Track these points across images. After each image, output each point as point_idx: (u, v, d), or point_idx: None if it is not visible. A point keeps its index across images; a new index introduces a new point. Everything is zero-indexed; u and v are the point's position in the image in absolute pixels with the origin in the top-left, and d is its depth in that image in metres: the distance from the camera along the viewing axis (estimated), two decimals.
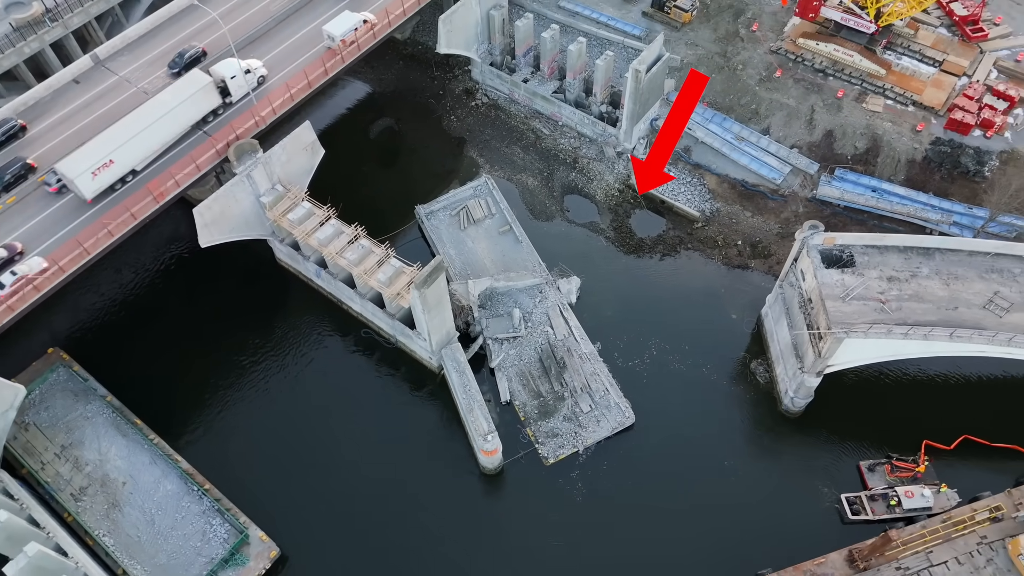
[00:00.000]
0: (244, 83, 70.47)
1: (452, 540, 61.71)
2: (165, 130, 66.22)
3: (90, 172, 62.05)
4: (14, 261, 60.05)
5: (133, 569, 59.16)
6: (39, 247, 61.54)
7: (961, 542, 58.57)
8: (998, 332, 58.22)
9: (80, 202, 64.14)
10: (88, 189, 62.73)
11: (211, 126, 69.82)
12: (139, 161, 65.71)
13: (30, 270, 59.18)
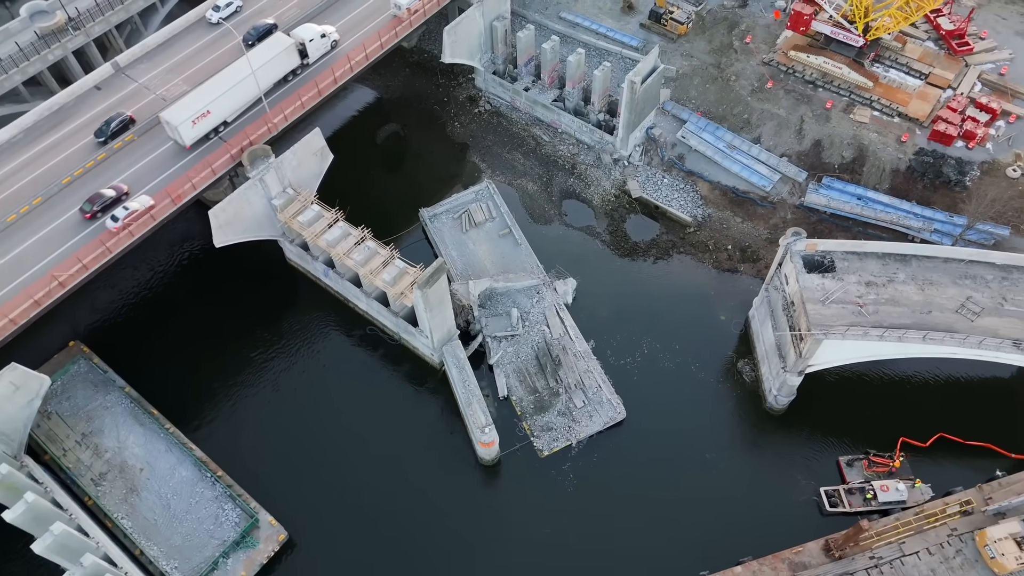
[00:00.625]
0: (321, 46, 77.30)
1: (450, 526, 65.20)
2: (252, 86, 72.50)
3: (190, 121, 69.28)
4: (121, 201, 66.84)
5: (150, 550, 62.82)
6: (143, 189, 68.72)
7: (932, 534, 61.77)
8: (969, 335, 61.43)
9: (179, 148, 71.19)
10: (188, 136, 70.05)
11: (290, 85, 76.66)
12: (230, 113, 72.70)
13: (141, 206, 66.42)
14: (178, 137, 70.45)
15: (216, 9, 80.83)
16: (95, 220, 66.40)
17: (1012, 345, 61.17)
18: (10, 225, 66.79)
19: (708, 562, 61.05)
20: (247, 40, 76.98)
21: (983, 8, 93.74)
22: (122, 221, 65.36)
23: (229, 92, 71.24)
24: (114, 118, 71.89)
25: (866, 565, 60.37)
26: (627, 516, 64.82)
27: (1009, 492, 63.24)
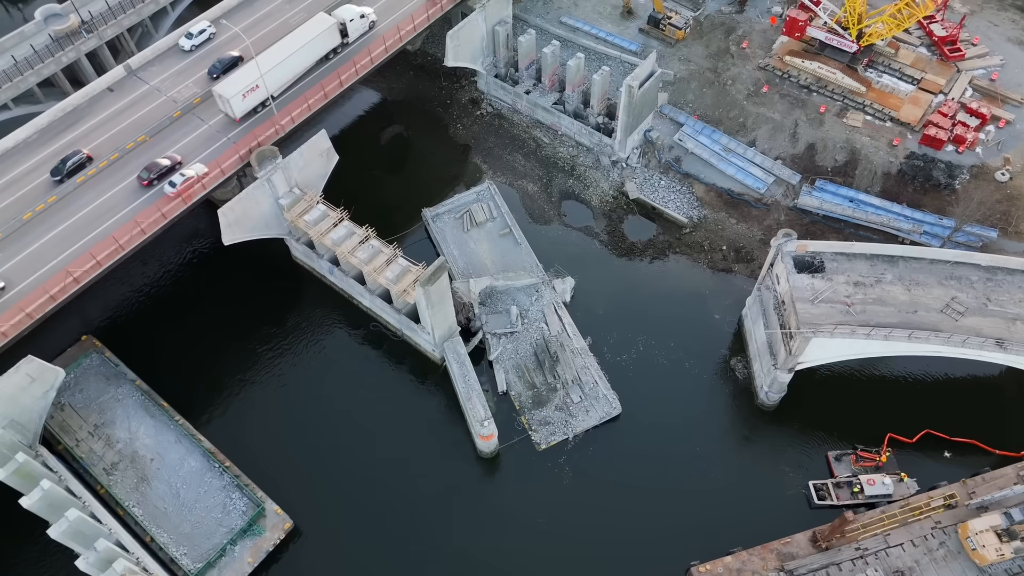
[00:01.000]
0: (360, 26, 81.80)
1: (450, 516, 67.37)
2: (297, 63, 77.57)
3: (241, 94, 73.50)
4: (175, 170, 71.66)
5: (160, 537, 65.06)
6: (196, 158, 73.55)
7: (917, 526, 63.84)
8: (953, 334, 63.43)
9: (229, 121, 75.59)
10: (239, 109, 74.47)
11: (329, 64, 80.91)
12: (277, 88, 76.96)
13: (196, 173, 71.03)
14: (229, 110, 74.72)
15: (188, 37, 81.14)
16: (152, 187, 70.70)
17: (995, 344, 63.14)
18: (78, 187, 71.46)
19: (699, 552, 62.97)
20: (212, 73, 78.18)
21: (976, 15, 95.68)
22: (179, 187, 69.92)
23: (276, 68, 75.56)
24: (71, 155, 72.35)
25: (851, 556, 62.44)
26: (621, 507, 66.87)
27: (992, 487, 65.36)
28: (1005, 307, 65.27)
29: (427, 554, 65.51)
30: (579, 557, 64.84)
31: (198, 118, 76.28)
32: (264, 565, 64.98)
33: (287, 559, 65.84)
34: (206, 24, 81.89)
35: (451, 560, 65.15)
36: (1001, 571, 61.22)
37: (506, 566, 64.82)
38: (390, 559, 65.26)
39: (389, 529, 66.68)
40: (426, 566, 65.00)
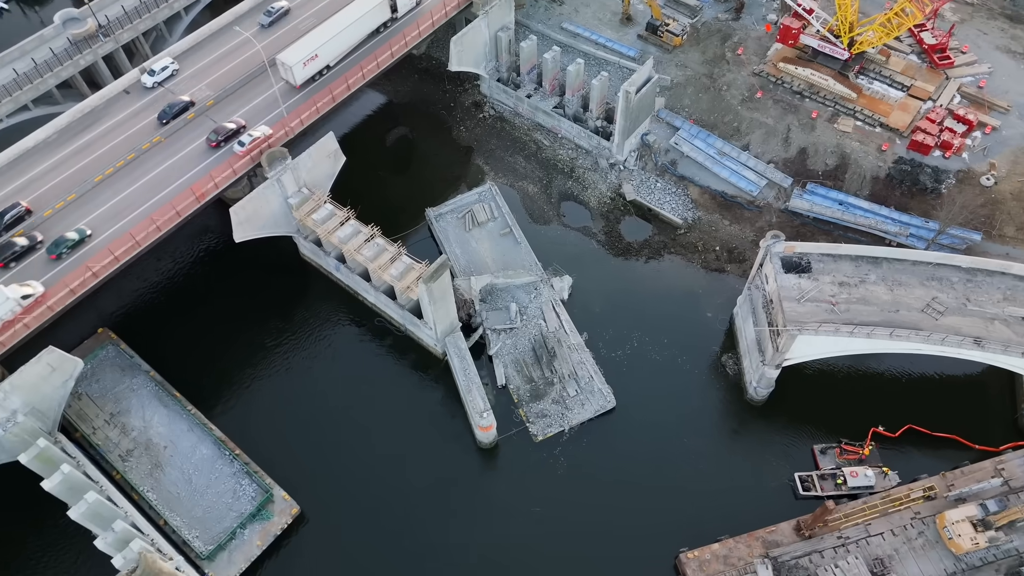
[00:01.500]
0: (408, 1, 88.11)
1: (450, 504, 70.30)
2: (351, 35, 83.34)
3: (302, 63, 79.40)
4: (239, 133, 77.40)
5: (173, 520, 68.17)
6: (259, 122, 79.49)
7: (897, 516, 66.69)
8: (932, 333, 66.15)
9: (290, 88, 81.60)
10: (299, 76, 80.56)
11: (377, 39, 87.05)
12: (333, 59, 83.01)
13: (262, 134, 76.87)
14: (291, 77, 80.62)
15: (151, 73, 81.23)
16: (219, 148, 76.57)
17: (973, 343, 65.83)
18: (148, 150, 77.21)
19: (688, 539, 65.94)
20: (161, 119, 78.29)
21: (966, 23, 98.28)
22: (248, 145, 75.98)
23: (333, 39, 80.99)
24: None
25: (833, 544, 65.31)
26: (613, 497, 69.74)
27: (970, 479, 68.12)
28: (984, 307, 67.94)
29: (427, 539, 68.44)
30: (573, 543, 67.70)
31: (262, 86, 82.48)
32: (272, 549, 68.11)
33: (294, 543, 68.91)
34: (168, 61, 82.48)
35: (450, 546, 68.09)
36: (976, 559, 64.04)
37: (503, 552, 67.73)
38: (392, 544, 68.19)
39: (391, 515, 69.61)
40: (426, 551, 67.89)
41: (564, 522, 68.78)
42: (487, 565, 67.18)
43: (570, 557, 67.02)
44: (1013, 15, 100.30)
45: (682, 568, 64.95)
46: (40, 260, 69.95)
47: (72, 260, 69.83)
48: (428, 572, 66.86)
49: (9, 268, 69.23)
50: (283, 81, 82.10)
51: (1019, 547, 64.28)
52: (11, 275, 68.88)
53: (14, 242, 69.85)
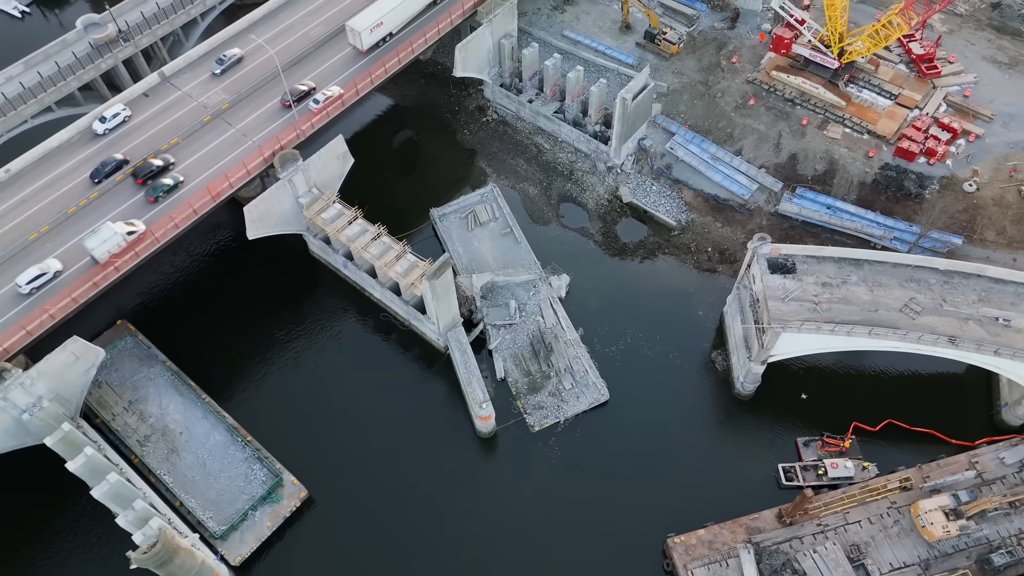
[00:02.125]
0: None
1: (450, 490, 74.02)
2: (412, 5, 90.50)
3: (369, 29, 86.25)
4: (311, 93, 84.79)
5: (189, 502, 72.03)
6: (330, 83, 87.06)
7: (874, 506, 70.30)
8: (909, 331, 69.62)
9: (356, 53, 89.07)
10: (366, 41, 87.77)
11: (435, 10, 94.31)
12: (395, 27, 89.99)
13: (334, 93, 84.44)
14: (358, 42, 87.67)
15: (102, 120, 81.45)
16: (292, 108, 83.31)
17: (947, 341, 69.27)
18: (226, 111, 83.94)
19: (676, 525, 69.63)
20: (94, 177, 77.59)
21: (954, 33, 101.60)
22: (322, 103, 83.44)
23: (397, 8, 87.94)
24: None
25: (813, 531, 68.93)
26: (605, 484, 73.40)
27: (945, 472, 71.75)
28: (959, 308, 71.37)
29: (427, 523, 72.15)
30: (566, 527, 71.41)
31: (329, 52, 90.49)
32: (281, 530, 71.90)
33: (302, 525, 72.70)
34: (120, 107, 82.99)
35: (449, 528, 71.81)
36: (948, 547, 67.59)
37: (499, 535, 71.45)
38: (395, 527, 71.95)
39: (394, 500, 73.33)
40: (426, 534, 71.59)
41: (558, 507, 72.46)
42: (484, 547, 70.81)
43: (563, 540, 70.69)
44: (1000, 26, 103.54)
45: (669, 552, 68.57)
46: (139, 201, 77.32)
47: (169, 202, 76.99)
48: (428, 553, 70.53)
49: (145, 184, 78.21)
50: (350, 46, 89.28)
51: (988, 535, 67.91)
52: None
53: (151, 163, 78.62)
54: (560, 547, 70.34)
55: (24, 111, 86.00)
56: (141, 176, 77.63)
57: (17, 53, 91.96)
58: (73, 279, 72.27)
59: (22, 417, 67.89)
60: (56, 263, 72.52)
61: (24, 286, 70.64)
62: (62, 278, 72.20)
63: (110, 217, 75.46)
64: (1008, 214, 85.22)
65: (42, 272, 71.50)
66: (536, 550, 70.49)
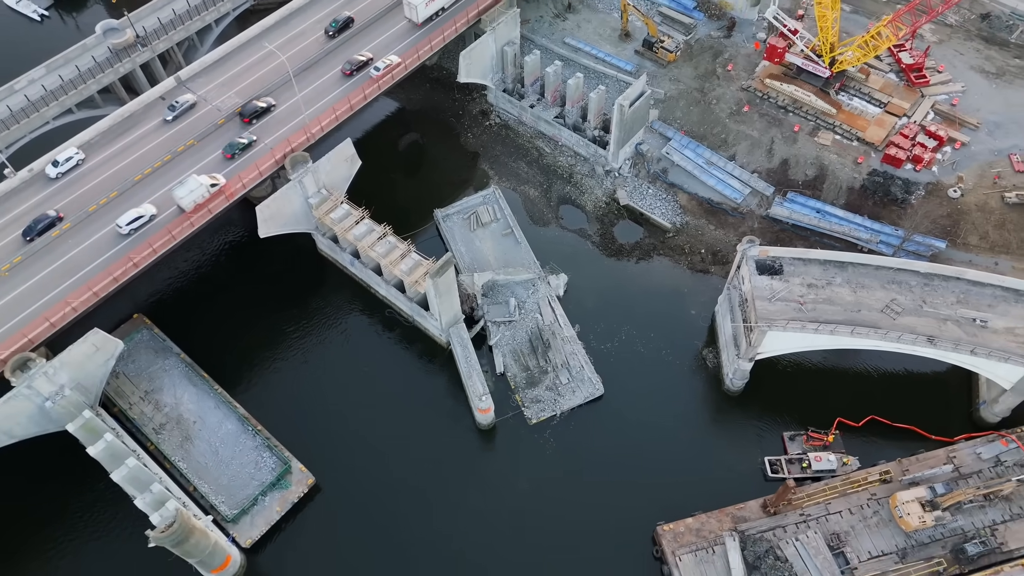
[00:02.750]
0: None
1: (450, 479, 77.61)
2: None
3: (424, 2, 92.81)
4: (368, 64, 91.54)
5: (202, 487, 75.74)
6: (387, 53, 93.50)
7: (855, 497, 73.62)
8: (889, 331, 72.89)
9: (412, 26, 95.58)
10: (421, 15, 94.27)
11: None
12: (448, 2, 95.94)
13: (392, 61, 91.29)
14: (414, 15, 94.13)
15: (55, 164, 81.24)
16: (352, 77, 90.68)
17: (926, 340, 72.55)
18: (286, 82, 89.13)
19: (665, 514, 73.09)
20: (26, 235, 77.03)
21: (944, 44, 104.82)
22: (383, 70, 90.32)
23: None
24: None
25: (796, 520, 72.30)
26: (598, 475, 76.89)
27: (924, 466, 75.08)
28: (938, 309, 74.62)
29: (428, 510, 75.72)
30: (560, 516, 74.91)
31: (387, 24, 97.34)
32: (289, 514, 75.59)
33: (309, 510, 76.37)
34: (73, 151, 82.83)
35: (448, 516, 75.39)
36: (925, 537, 70.85)
37: (496, 523, 75.08)
38: (397, 513, 75.56)
39: (397, 488, 76.92)
40: (426, 520, 75.14)
41: (552, 496, 75.96)
42: (481, 534, 74.42)
43: (557, 528, 74.20)
44: (989, 37, 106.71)
45: (659, 539, 72.03)
46: (217, 159, 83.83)
47: (244, 159, 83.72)
48: (428, 538, 74.09)
49: (252, 124, 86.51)
50: (406, 19, 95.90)
51: (964, 527, 71.15)
52: None
53: (257, 104, 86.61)
54: (553, 535, 73.85)
55: (46, 113, 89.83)
56: (247, 115, 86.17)
57: (36, 55, 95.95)
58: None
59: (45, 405, 71.49)
60: (152, 207, 79.44)
61: (124, 227, 77.49)
62: (157, 221, 79.00)
63: (194, 170, 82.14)
64: (991, 219, 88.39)
65: (140, 215, 78.37)
66: (530, 538, 73.99)
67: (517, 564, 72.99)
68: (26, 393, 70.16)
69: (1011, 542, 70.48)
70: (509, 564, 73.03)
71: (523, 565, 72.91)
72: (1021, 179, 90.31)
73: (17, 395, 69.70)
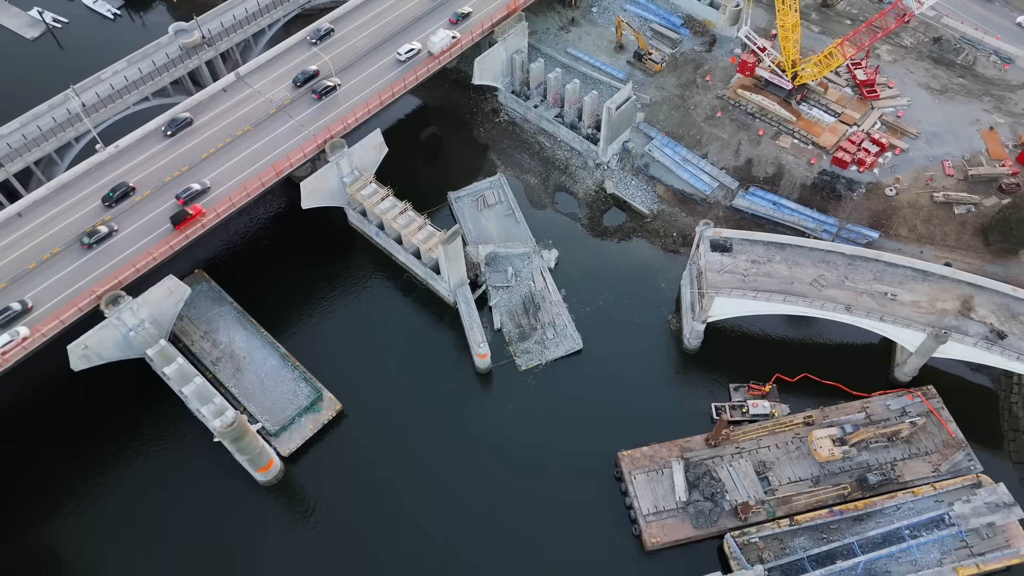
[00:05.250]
0: None
1: (454, 411, 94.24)
2: None
3: None
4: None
5: (250, 408, 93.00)
6: None
7: (782, 436, 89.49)
8: (815, 300, 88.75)
9: None
10: None
11: None
12: None
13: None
14: None
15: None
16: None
17: (844, 308, 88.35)
18: None
19: (626, 443, 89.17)
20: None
21: (898, 63, 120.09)
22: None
23: None
24: None
25: (731, 452, 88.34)
26: (573, 411, 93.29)
27: (841, 413, 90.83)
28: (857, 284, 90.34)
29: (432, 433, 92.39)
30: (539, 442, 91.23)
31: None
32: (320, 433, 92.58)
33: (337, 430, 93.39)
34: None
35: (449, 437, 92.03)
36: (835, 468, 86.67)
37: (488, 443, 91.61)
38: (408, 434, 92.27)
39: (409, 415, 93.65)
40: (431, 440, 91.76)
41: (534, 426, 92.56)
42: (475, 451, 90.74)
43: (536, 451, 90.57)
44: (938, 58, 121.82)
45: (619, 462, 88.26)
46: None
47: None
48: (432, 453, 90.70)
49: None
50: None
51: (868, 461, 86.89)
52: None
53: None
54: (533, 455, 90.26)
55: (128, 99, 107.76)
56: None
57: (110, 47, 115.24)
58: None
59: (129, 334, 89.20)
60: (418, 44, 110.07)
61: (403, 55, 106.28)
62: None
63: None
64: (920, 215, 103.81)
65: (411, 48, 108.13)
66: (515, 456, 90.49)
67: (503, 477, 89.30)
68: (115, 323, 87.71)
69: (907, 475, 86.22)
70: (496, 476, 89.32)
71: (508, 478, 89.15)
72: (950, 182, 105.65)
73: (108, 324, 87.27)
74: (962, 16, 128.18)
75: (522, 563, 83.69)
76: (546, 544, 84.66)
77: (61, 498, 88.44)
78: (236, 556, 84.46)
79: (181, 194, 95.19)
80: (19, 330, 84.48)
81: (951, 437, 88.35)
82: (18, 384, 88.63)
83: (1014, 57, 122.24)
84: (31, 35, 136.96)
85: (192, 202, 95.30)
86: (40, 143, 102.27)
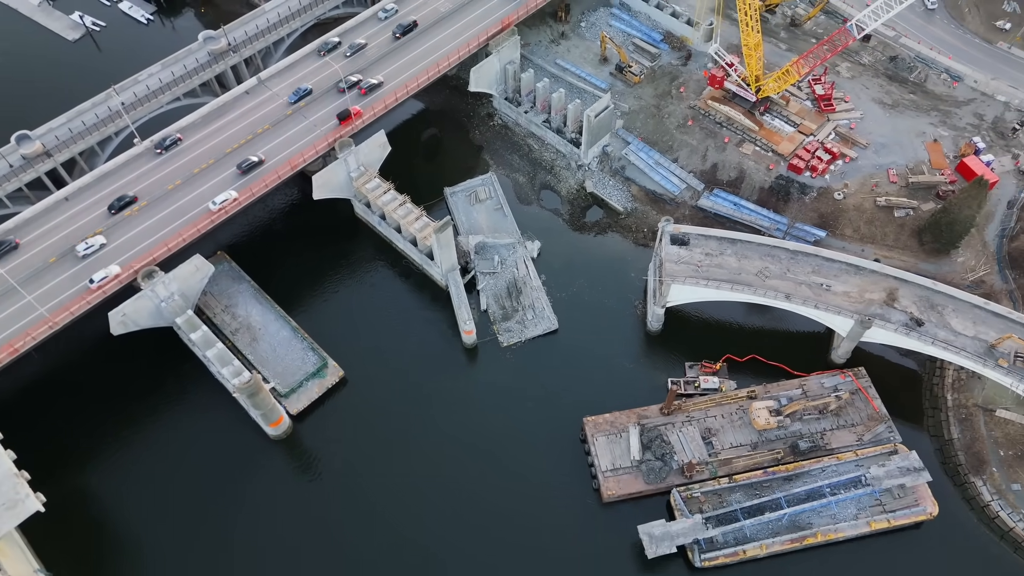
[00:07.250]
0: None
1: (441, 379, 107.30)
2: None
3: None
4: None
5: (263, 372, 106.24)
6: None
7: (727, 407, 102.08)
8: (758, 288, 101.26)
9: None
10: None
11: None
12: None
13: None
14: None
15: None
16: None
17: (784, 296, 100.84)
18: None
19: (590, 410, 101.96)
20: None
21: (855, 79, 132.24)
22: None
23: None
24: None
25: (682, 420, 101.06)
26: (547, 380, 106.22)
27: (781, 388, 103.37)
28: (798, 276, 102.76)
29: (424, 398, 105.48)
30: (515, 406, 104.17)
31: None
32: (325, 396, 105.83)
33: (340, 394, 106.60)
34: None
35: (437, 401, 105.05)
36: (772, 436, 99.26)
37: (470, 407, 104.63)
38: (402, 398, 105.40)
39: (402, 382, 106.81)
40: (422, 404, 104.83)
41: (512, 393, 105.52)
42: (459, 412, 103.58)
43: (511, 414, 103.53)
44: (893, 75, 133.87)
45: (584, 427, 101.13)
46: None
47: None
48: (422, 414, 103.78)
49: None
50: None
51: (801, 431, 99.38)
52: None
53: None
54: (510, 418, 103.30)
55: (162, 99, 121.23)
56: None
57: (144, 51, 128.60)
58: None
59: (160, 305, 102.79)
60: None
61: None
62: None
63: None
64: (864, 217, 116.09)
65: None
66: (492, 421, 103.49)
67: (484, 436, 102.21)
68: (149, 295, 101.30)
69: (834, 443, 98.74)
70: (477, 436, 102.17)
71: (488, 438, 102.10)
72: (893, 188, 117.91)
73: (143, 295, 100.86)
74: (919, 36, 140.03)
75: (496, 509, 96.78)
76: (518, 494, 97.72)
77: (101, 442, 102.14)
78: (249, 497, 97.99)
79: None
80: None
81: (875, 412, 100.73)
82: (65, 347, 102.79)
83: (963, 75, 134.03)
84: (72, 37, 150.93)
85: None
86: (84, 136, 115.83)
